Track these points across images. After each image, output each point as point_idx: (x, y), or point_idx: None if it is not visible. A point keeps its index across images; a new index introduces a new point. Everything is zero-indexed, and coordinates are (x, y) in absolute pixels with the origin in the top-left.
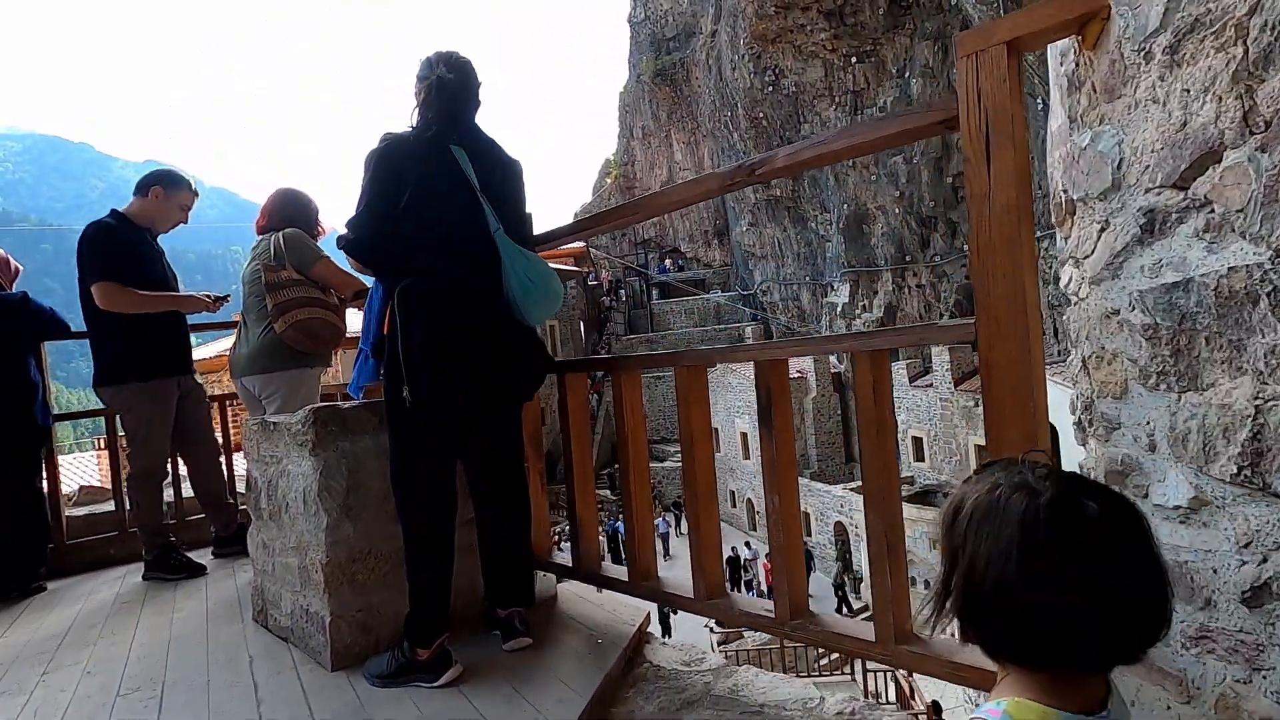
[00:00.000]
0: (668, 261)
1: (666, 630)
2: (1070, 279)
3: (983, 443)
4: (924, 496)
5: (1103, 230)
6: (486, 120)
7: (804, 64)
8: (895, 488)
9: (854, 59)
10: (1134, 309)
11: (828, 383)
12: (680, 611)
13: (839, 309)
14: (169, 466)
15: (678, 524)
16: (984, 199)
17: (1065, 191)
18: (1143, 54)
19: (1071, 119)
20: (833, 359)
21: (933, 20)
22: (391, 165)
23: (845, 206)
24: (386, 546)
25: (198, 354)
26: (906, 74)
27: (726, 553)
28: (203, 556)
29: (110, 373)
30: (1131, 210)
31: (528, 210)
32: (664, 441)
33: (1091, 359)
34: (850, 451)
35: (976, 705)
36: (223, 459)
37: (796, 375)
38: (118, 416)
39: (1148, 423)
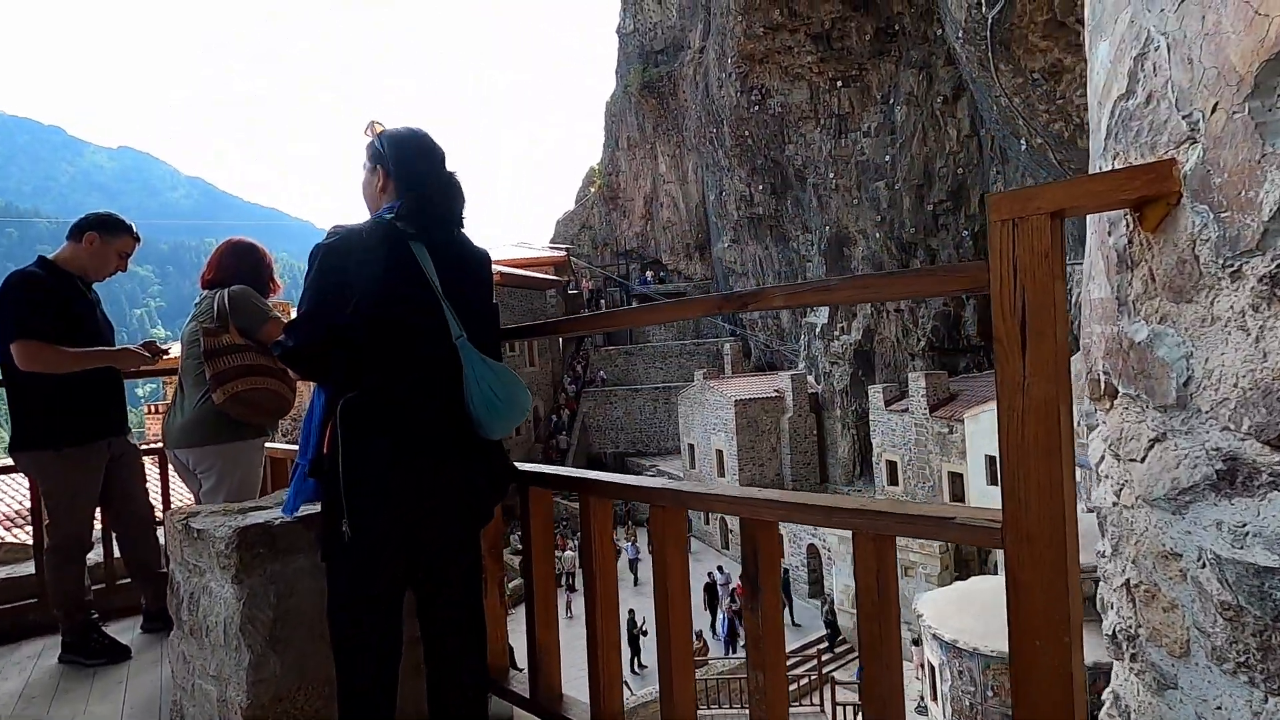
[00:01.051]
0: (649, 273)
1: (636, 653)
2: (1104, 461)
3: (956, 470)
4: None
5: (1157, 441)
6: (488, 122)
7: (790, 85)
8: (898, 685)
9: (839, 83)
10: (1205, 568)
11: (805, 403)
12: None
13: (818, 330)
14: (94, 531)
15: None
16: (1017, 389)
17: (1106, 374)
18: (1228, 270)
19: (1120, 301)
20: (810, 378)
21: (918, 49)
22: (340, 264)
23: (827, 228)
24: (321, 674)
25: None
26: (891, 101)
27: (702, 579)
28: (131, 629)
29: (28, 437)
30: (1203, 443)
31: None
32: (639, 455)
33: (1139, 590)
34: (825, 472)
35: None
36: (158, 523)
37: (774, 394)
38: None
39: (1219, 707)
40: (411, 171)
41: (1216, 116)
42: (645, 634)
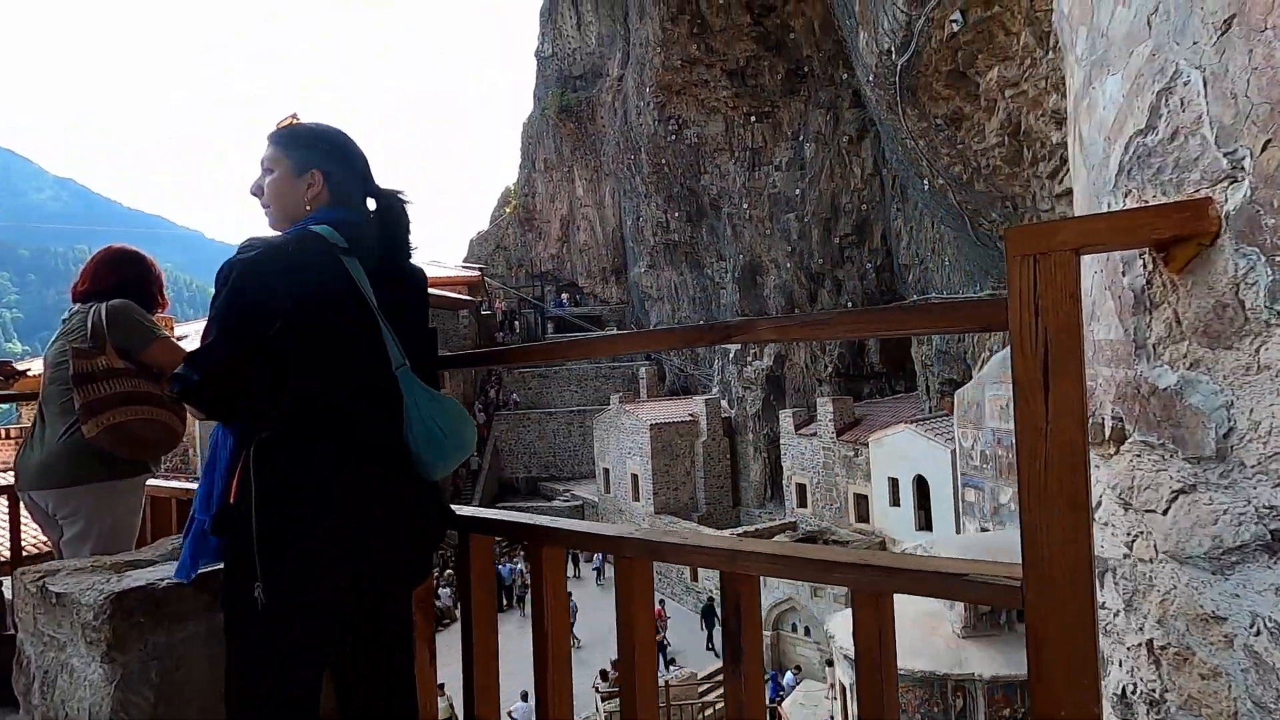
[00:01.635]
0: (565, 295)
1: None
2: (1101, 507)
3: (861, 491)
4: (807, 541)
5: (1182, 493)
6: (489, 122)
7: (706, 117)
8: None
9: (753, 118)
10: (1261, 635)
11: (719, 427)
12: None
13: (731, 355)
14: None
15: (577, 565)
16: (1039, 434)
17: (1117, 420)
18: None
19: (1137, 343)
20: (724, 403)
21: (825, 91)
22: (259, 282)
23: (741, 257)
24: None
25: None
26: (801, 138)
27: None
28: None
29: None
30: (1249, 500)
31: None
32: (552, 479)
33: (1167, 652)
34: (738, 495)
35: None
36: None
37: (689, 418)
38: None
39: None
40: (355, 182)
41: (1269, 154)
42: (579, 646)
